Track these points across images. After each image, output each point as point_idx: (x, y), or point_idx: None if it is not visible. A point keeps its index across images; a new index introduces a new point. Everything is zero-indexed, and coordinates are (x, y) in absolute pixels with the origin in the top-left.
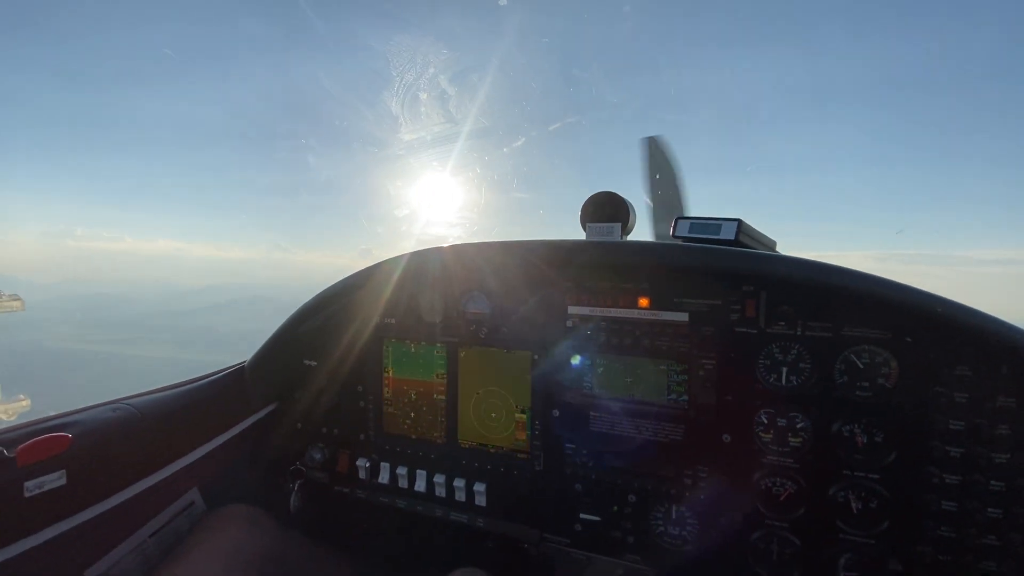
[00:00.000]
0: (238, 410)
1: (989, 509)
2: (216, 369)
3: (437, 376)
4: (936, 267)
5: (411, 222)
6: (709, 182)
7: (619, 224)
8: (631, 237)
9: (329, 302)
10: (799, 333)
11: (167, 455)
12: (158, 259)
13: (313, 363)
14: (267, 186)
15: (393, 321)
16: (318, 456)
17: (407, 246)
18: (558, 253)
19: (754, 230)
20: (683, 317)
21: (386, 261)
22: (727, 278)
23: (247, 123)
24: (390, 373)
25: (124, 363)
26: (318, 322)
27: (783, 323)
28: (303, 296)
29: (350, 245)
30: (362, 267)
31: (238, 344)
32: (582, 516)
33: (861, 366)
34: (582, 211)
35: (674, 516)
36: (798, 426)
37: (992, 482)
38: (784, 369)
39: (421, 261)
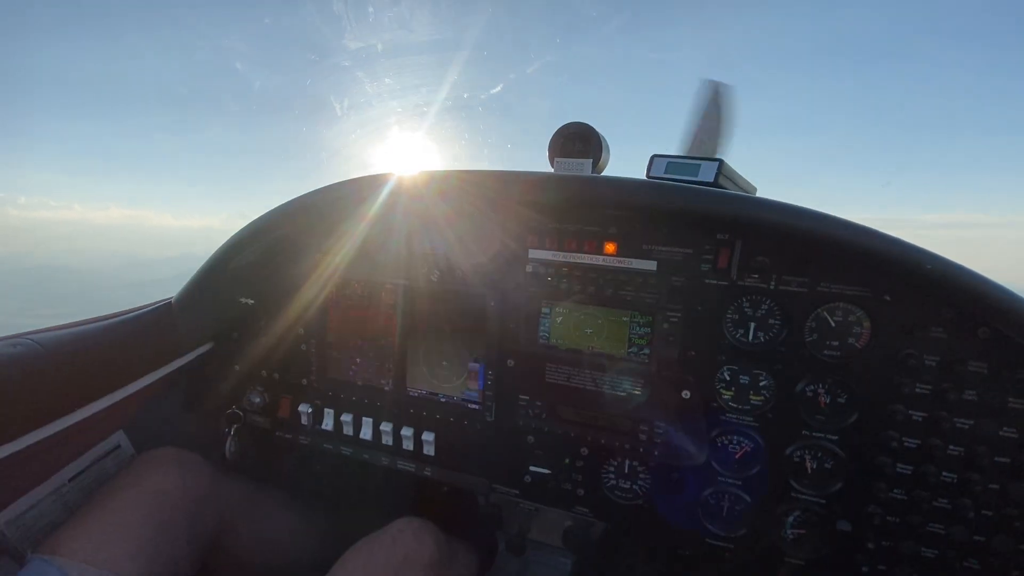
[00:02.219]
0: (167, 349)
1: (944, 473)
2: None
3: (385, 320)
4: (893, 230)
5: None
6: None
7: (590, 160)
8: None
9: (262, 233)
10: (772, 287)
11: (83, 395)
12: (112, 229)
13: (250, 301)
14: (214, 136)
15: (336, 259)
16: (257, 400)
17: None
18: (518, 185)
19: (736, 173)
20: (651, 266)
21: (323, 188)
22: (702, 224)
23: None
24: (332, 315)
25: None
26: (252, 256)
27: (756, 276)
28: None
29: None
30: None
31: None
32: (532, 469)
33: (833, 324)
34: (550, 145)
35: (627, 470)
36: (761, 384)
37: (950, 447)
38: (752, 325)
39: (363, 190)
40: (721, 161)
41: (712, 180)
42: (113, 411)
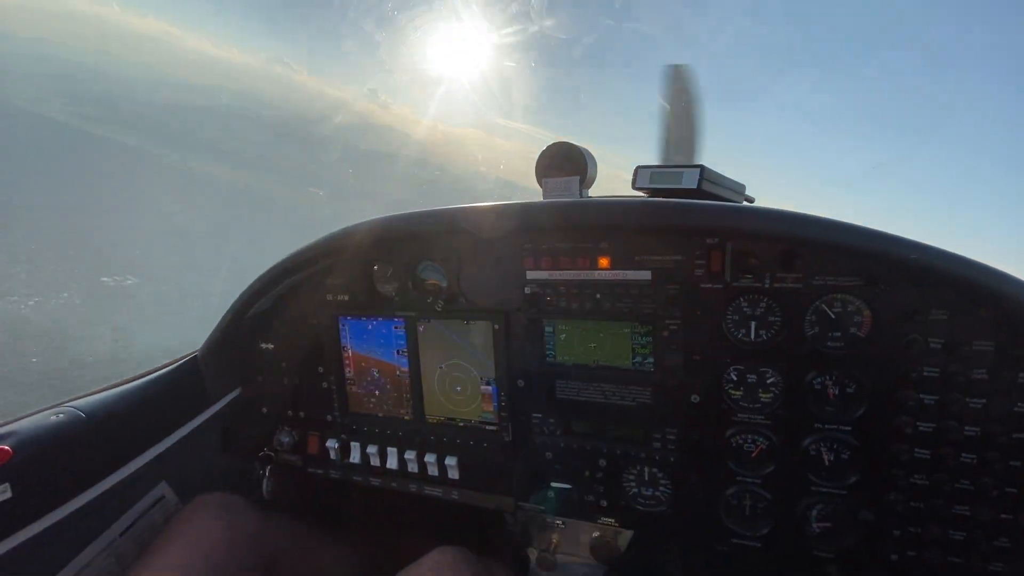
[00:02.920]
0: (198, 399)
1: (963, 455)
2: (168, 360)
3: (398, 352)
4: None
5: (431, 84)
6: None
7: (577, 178)
8: (593, 188)
9: (274, 282)
10: (767, 286)
11: (125, 453)
12: (146, 39)
13: (270, 346)
14: None
15: (347, 298)
16: (287, 440)
17: (416, 100)
18: (512, 219)
19: (718, 175)
20: (645, 276)
21: (332, 235)
22: (690, 231)
23: None
24: (350, 352)
25: (92, 144)
26: (267, 304)
27: (750, 276)
28: (297, 125)
29: (358, 80)
30: (363, 109)
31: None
32: (553, 485)
33: (833, 316)
34: (537, 165)
35: (646, 478)
36: (768, 381)
37: (966, 428)
38: (753, 324)
39: (369, 233)
40: (702, 167)
41: (695, 186)
42: (154, 464)
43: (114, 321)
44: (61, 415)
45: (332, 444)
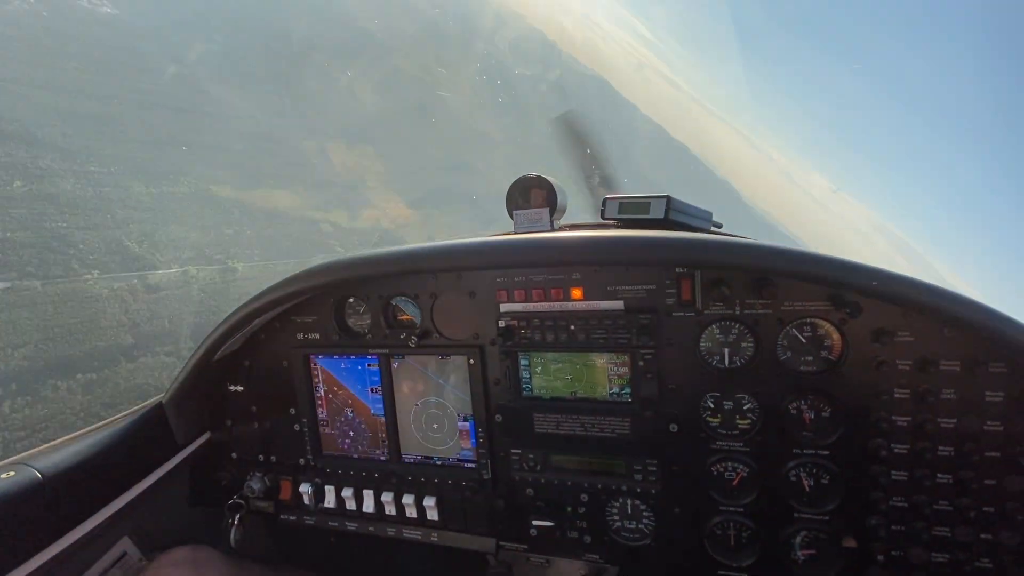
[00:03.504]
0: (162, 448)
1: (939, 475)
2: (129, 409)
3: (372, 390)
4: None
5: None
6: None
7: (547, 210)
8: (565, 217)
9: (243, 324)
10: (738, 312)
11: (83, 509)
12: None
13: (239, 388)
14: None
15: (318, 336)
16: (258, 486)
17: None
18: (485, 256)
19: (685, 205)
20: (618, 306)
21: (301, 273)
22: (660, 265)
23: None
24: (322, 392)
25: None
26: (236, 345)
27: (721, 303)
28: None
29: None
30: None
31: None
32: (535, 523)
33: (804, 340)
34: (508, 198)
35: (628, 511)
36: (745, 407)
37: (940, 448)
38: (726, 350)
39: (339, 270)
40: (669, 197)
41: (663, 216)
42: (116, 520)
43: None
44: (12, 473)
45: (306, 489)
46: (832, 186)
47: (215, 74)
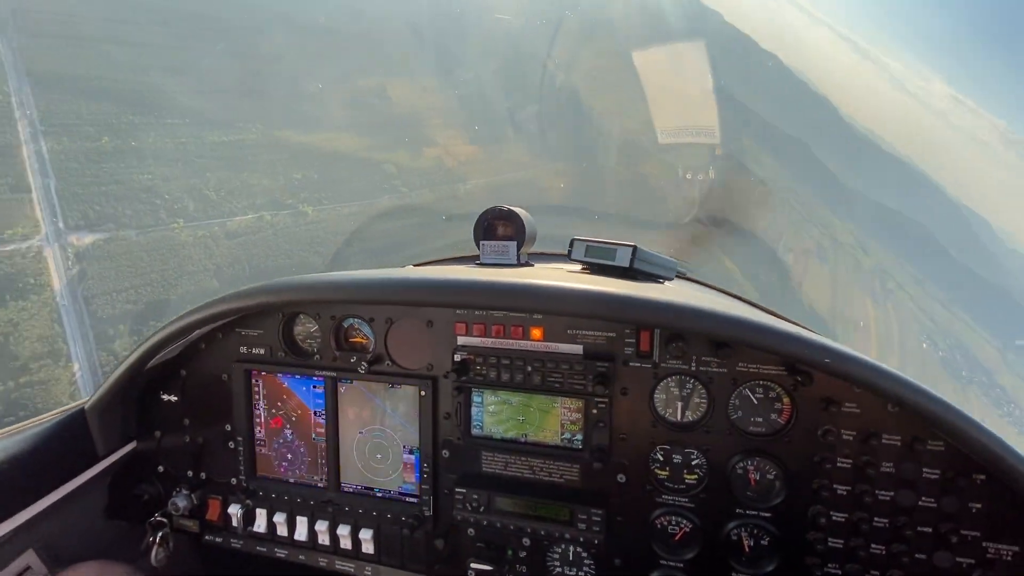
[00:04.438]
0: (82, 456)
1: (872, 546)
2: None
3: (315, 413)
4: None
5: None
6: None
7: (514, 243)
8: (531, 251)
9: (184, 333)
10: (694, 368)
11: None
12: None
13: (172, 398)
14: None
15: (262, 351)
16: (184, 503)
17: None
18: (446, 294)
19: (651, 255)
20: (577, 350)
21: (254, 287)
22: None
23: None
24: (261, 410)
25: None
26: (173, 353)
27: (678, 359)
28: None
29: None
30: None
31: None
32: (472, 566)
33: (755, 401)
34: (475, 228)
35: (570, 558)
36: (693, 463)
37: (876, 519)
38: (679, 404)
39: (295, 287)
40: (635, 247)
41: (628, 265)
42: (21, 531)
43: None
44: None
45: (235, 510)
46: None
47: (277, 19)
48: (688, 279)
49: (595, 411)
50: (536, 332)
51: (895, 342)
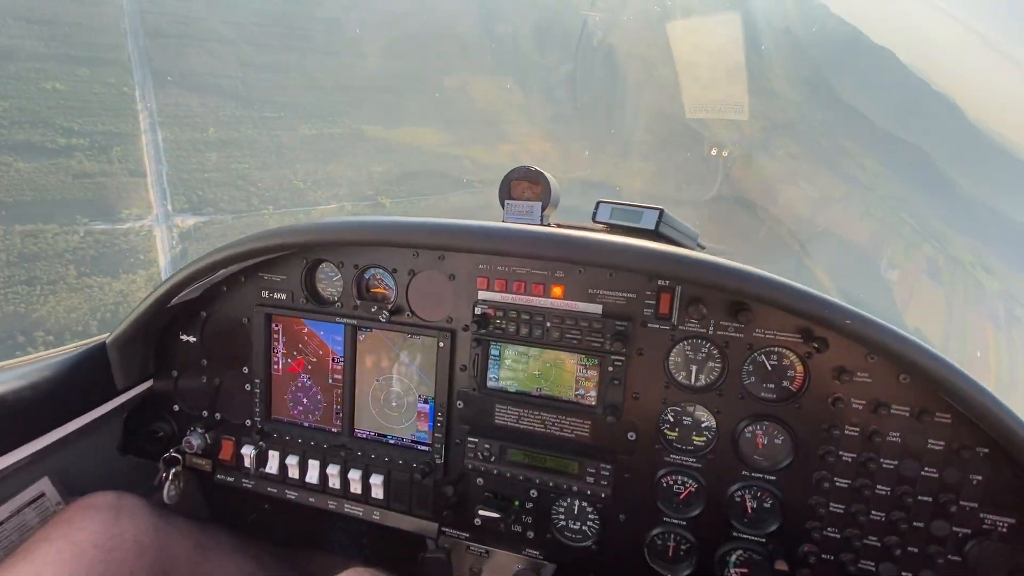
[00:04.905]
0: (100, 390)
1: (873, 512)
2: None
3: (333, 360)
4: None
5: None
6: None
7: (539, 204)
8: (555, 213)
9: (207, 272)
10: (711, 332)
11: (3, 443)
12: None
13: (191, 339)
14: None
15: (284, 296)
16: (197, 442)
17: None
18: (471, 239)
19: (676, 221)
20: (596, 309)
21: (280, 228)
22: (645, 274)
23: None
24: (280, 354)
25: None
26: (195, 294)
27: (696, 321)
28: None
29: None
30: None
31: None
32: (481, 512)
33: (769, 368)
34: (500, 188)
35: (575, 512)
36: (703, 425)
37: (878, 487)
38: (694, 367)
39: (319, 232)
40: (662, 210)
41: (653, 228)
42: (37, 457)
43: None
44: None
45: (248, 451)
46: None
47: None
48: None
49: (611, 368)
50: (557, 290)
51: (1020, 376)
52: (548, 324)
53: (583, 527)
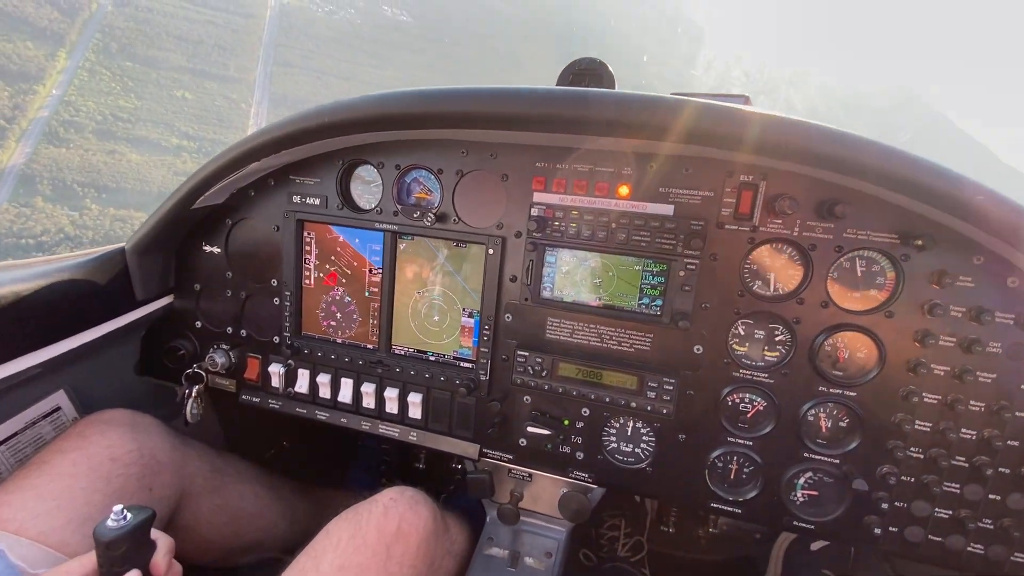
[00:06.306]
0: (118, 301)
1: (963, 431)
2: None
3: (370, 270)
4: None
5: None
6: None
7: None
8: None
9: (233, 167)
10: (795, 234)
11: (15, 346)
12: None
13: (215, 250)
14: None
15: (317, 201)
16: (222, 360)
17: None
18: (520, 102)
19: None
20: (668, 210)
21: (306, 111)
22: (725, 165)
23: None
24: (312, 264)
25: None
26: (219, 199)
27: (779, 221)
28: None
29: None
30: None
31: None
32: (529, 429)
33: (858, 274)
34: (558, 82)
35: (628, 433)
36: (777, 339)
37: (972, 403)
38: (772, 275)
39: (361, 112)
40: (746, 98)
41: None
42: (52, 367)
43: None
44: None
45: (277, 369)
46: None
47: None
48: None
49: (682, 273)
50: (623, 189)
51: None
52: (613, 226)
53: (635, 449)
